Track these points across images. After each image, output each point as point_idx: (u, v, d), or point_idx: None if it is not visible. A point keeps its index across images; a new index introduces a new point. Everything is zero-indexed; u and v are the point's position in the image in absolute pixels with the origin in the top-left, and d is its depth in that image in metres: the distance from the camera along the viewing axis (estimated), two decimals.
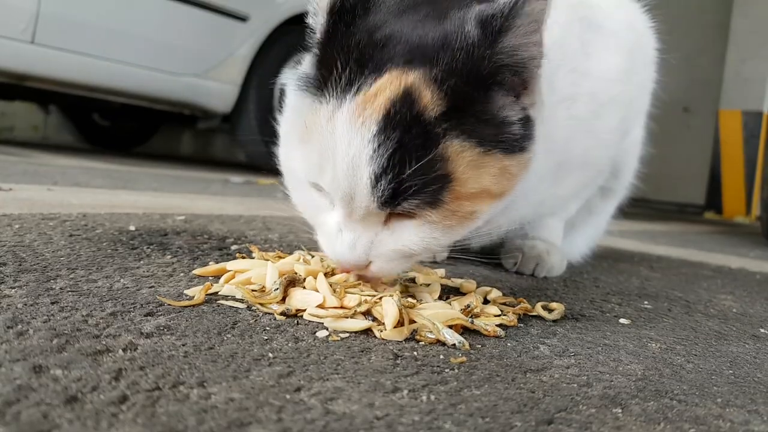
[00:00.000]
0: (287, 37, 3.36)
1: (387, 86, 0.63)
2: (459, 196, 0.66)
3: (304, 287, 0.71)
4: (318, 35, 0.69)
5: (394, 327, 0.64)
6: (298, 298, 0.69)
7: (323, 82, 0.66)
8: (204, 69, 3.26)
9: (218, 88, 3.34)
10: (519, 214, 0.91)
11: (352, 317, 0.66)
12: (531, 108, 0.69)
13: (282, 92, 0.77)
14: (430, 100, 0.63)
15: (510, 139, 0.66)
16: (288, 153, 0.74)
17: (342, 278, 0.73)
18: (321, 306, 0.67)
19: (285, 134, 0.76)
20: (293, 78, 0.72)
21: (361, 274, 0.72)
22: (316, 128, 0.66)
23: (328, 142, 0.65)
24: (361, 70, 0.64)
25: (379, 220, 0.68)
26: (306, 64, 0.71)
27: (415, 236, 0.68)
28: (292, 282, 0.72)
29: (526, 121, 0.68)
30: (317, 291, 0.70)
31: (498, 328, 0.69)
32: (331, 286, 0.70)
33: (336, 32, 0.67)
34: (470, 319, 0.69)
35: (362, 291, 0.70)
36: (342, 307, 0.67)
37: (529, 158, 0.69)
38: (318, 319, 0.66)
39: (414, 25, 0.67)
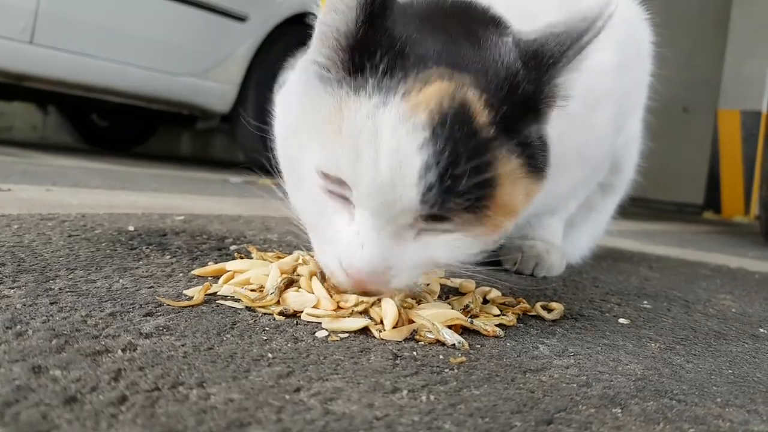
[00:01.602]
0: (286, 37, 3.36)
1: (437, 88, 0.60)
2: (497, 206, 0.64)
3: (298, 288, 0.71)
4: (351, 28, 0.63)
5: (393, 327, 0.64)
6: (293, 300, 0.69)
7: (358, 69, 0.62)
8: (203, 69, 3.26)
9: (217, 88, 3.34)
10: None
11: (349, 317, 0.65)
12: (542, 131, 0.69)
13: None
14: (482, 105, 0.61)
15: (536, 163, 0.67)
16: (294, 150, 0.68)
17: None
18: (316, 307, 0.67)
19: (289, 132, 0.69)
20: (307, 66, 0.67)
21: (370, 290, 0.66)
22: (350, 120, 0.61)
23: (368, 136, 0.59)
24: (403, 66, 0.61)
25: (408, 228, 0.63)
26: (317, 53, 0.66)
27: (444, 247, 0.65)
28: (290, 283, 0.72)
29: (544, 145, 0.69)
30: (312, 293, 0.70)
31: (497, 328, 0.69)
32: (327, 289, 0.70)
33: (372, 21, 0.62)
34: (469, 319, 0.69)
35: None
36: (339, 308, 0.67)
37: (544, 182, 0.69)
38: (316, 319, 0.66)
39: (446, 35, 0.66)
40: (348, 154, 0.60)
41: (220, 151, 6.23)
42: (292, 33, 3.33)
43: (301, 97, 0.68)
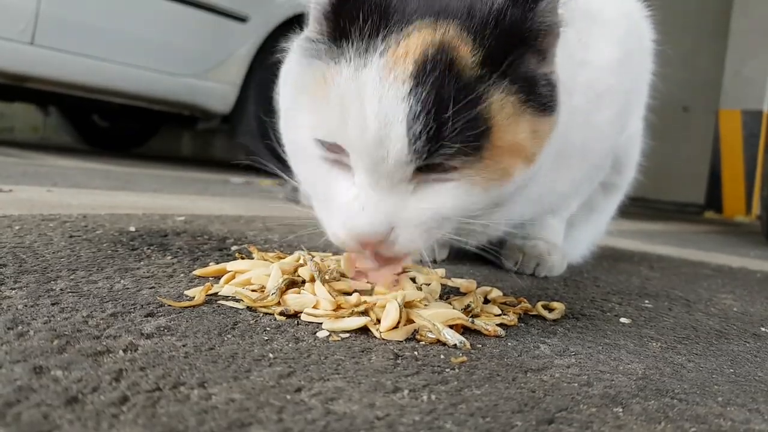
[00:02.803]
0: (287, 38, 3.36)
1: (419, 39, 0.61)
2: (498, 147, 0.63)
3: (299, 292, 0.71)
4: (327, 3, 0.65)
5: (394, 327, 0.64)
6: (293, 301, 0.69)
7: (342, 39, 0.63)
8: (204, 70, 3.26)
9: (218, 89, 3.34)
10: (518, 211, 0.91)
11: (349, 316, 0.65)
12: (551, 75, 0.69)
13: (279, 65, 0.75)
14: (467, 52, 0.61)
15: (540, 99, 0.66)
16: (294, 123, 0.69)
17: (345, 285, 0.73)
18: (316, 307, 0.67)
19: (289, 105, 0.71)
20: (300, 43, 0.68)
21: (379, 252, 0.66)
22: (336, 85, 0.62)
23: (353, 97, 0.61)
24: (385, 24, 0.62)
25: (406, 181, 0.63)
26: (310, 30, 0.68)
27: (449, 196, 0.64)
28: (291, 284, 0.72)
29: (551, 86, 0.68)
30: (314, 294, 0.70)
31: (499, 328, 0.69)
32: (328, 290, 0.70)
33: None
34: (470, 319, 0.69)
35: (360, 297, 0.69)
36: (339, 308, 0.67)
37: (554, 122, 0.68)
38: (315, 320, 0.66)
39: None
40: (337, 117, 0.62)
41: (220, 151, 6.23)
42: (293, 34, 3.33)
43: (296, 73, 0.69)
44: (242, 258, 0.87)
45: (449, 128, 0.59)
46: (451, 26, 0.62)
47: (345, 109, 0.61)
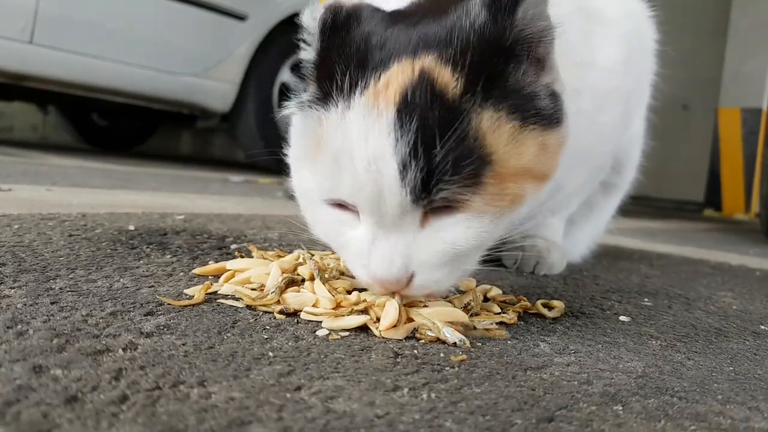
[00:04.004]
0: (286, 36, 3.36)
1: (398, 74, 0.60)
2: (502, 175, 0.61)
3: (299, 290, 0.71)
4: (314, 57, 0.66)
5: (393, 326, 0.64)
6: (292, 300, 0.69)
7: (327, 93, 0.63)
8: (203, 68, 3.26)
9: (217, 88, 3.34)
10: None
11: (348, 315, 0.65)
12: (554, 85, 0.67)
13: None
14: (449, 77, 0.60)
15: (543, 113, 0.64)
16: (300, 177, 0.69)
17: (347, 284, 0.73)
18: (315, 306, 0.67)
19: (295, 161, 0.71)
20: (296, 102, 0.68)
21: (404, 294, 0.65)
22: (327, 137, 0.62)
23: (342, 144, 0.60)
24: (363, 71, 0.62)
25: (414, 222, 0.62)
26: (308, 90, 0.68)
27: (460, 230, 0.62)
28: (291, 282, 0.72)
29: (554, 97, 0.66)
30: (313, 293, 0.70)
31: (504, 331, 0.69)
32: (328, 289, 0.70)
33: (332, 46, 0.65)
34: (473, 325, 0.68)
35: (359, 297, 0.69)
36: (339, 306, 0.67)
37: (565, 133, 0.66)
38: (315, 318, 0.66)
39: (411, 26, 0.65)
40: (332, 175, 0.62)
41: (220, 150, 6.23)
42: (293, 32, 3.33)
43: (297, 130, 0.70)
44: (242, 256, 0.87)
45: (440, 162, 0.58)
46: (429, 56, 0.61)
47: (338, 166, 0.61)
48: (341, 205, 0.65)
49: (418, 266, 0.63)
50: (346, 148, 0.60)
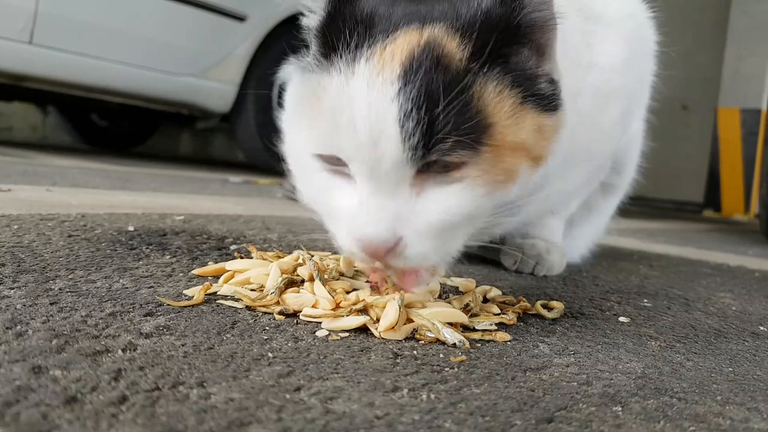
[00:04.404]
0: (286, 37, 3.35)
1: (406, 39, 0.61)
2: (499, 147, 0.61)
3: (298, 291, 0.71)
4: (320, 20, 0.67)
5: (392, 327, 0.64)
6: (292, 300, 0.69)
7: (331, 53, 0.64)
8: (202, 69, 3.26)
9: (217, 88, 3.34)
10: (524, 211, 0.90)
11: (348, 315, 0.65)
12: (553, 74, 0.68)
13: (281, 91, 0.76)
14: (456, 46, 0.61)
15: (541, 95, 0.65)
16: (294, 140, 0.69)
17: (346, 285, 0.73)
18: (315, 307, 0.67)
19: (289, 124, 0.71)
20: (296, 65, 0.70)
21: (390, 264, 0.63)
22: (328, 98, 0.62)
23: (343, 103, 0.61)
24: (371, 33, 0.63)
25: (408, 184, 0.61)
26: (310, 52, 0.69)
27: (455, 198, 0.62)
28: (290, 283, 0.72)
29: (553, 83, 0.67)
30: (313, 293, 0.70)
31: (505, 334, 0.68)
32: (328, 290, 0.70)
33: (339, 11, 0.65)
34: (474, 326, 0.68)
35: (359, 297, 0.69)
36: (338, 307, 0.67)
37: (561, 120, 0.67)
38: (314, 320, 0.66)
39: (416, 3, 0.66)
40: (330, 129, 0.62)
41: (219, 150, 6.23)
42: (292, 32, 3.33)
43: (292, 92, 0.71)
44: (241, 257, 0.87)
45: (442, 120, 0.58)
46: (437, 26, 0.62)
47: (337, 119, 0.61)
48: (335, 172, 0.65)
49: (408, 234, 0.61)
50: (347, 105, 0.61)
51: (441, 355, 0.60)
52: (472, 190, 0.62)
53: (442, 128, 0.59)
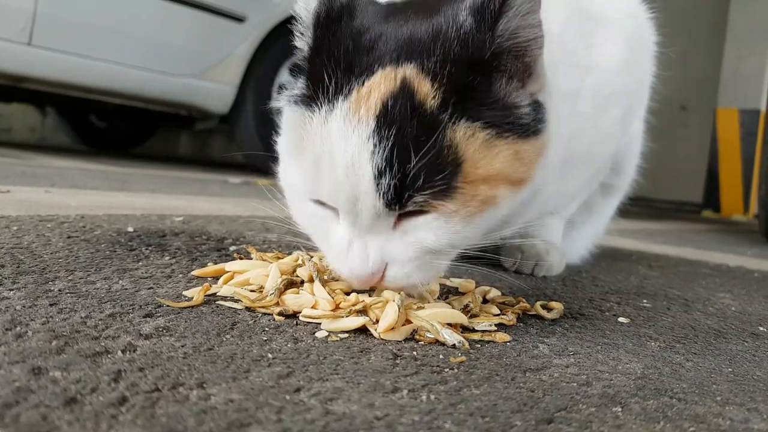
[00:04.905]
0: (285, 38, 3.35)
1: (381, 82, 0.62)
2: (474, 179, 0.63)
3: (298, 292, 0.71)
4: (306, 51, 0.68)
5: (392, 328, 0.64)
6: (292, 301, 0.69)
7: (314, 94, 0.65)
8: (201, 70, 3.26)
9: (216, 89, 3.34)
10: (523, 218, 0.90)
11: (347, 316, 0.65)
12: (539, 94, 0.68)
13: (281, 90, 0.76)
14: (428, 90, 0.62)
15: (520, 123, 0.65)
16: (286, 169, 0.73)
17: (345, 285, 0.73)
18: (314, 308, 0.67)
19: (282, 152, 0.74)
20: (286, 96, 0.71)
21: (379, 286, 0.68)
22: (309, 137, 0.65)
23: (323, 147, 0.63)
24: (349, 76, 0.64)
25: (388, 225, 0.64)
26: (298, 84, 0.70)
27: (431, 232, 0.64)
28: (290, 284, 0.72)
29: (537, 106, 0.67)
30: (313, 294, 0.70)
31: (505, 335, 0.69)
32: (327, 291, 0.70)
33: (323, 43, 0.66)
34: (473, 327, 0.68)
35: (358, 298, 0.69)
36: (337, 308, 0.67)
37: (544, 143, 0.67)
38: (314, 320, 0.66)
39: (401, 24, 0.66)
40: (313, 172, 0.65)
41: (218, 151, 6.22)
42: (291, 34, 3.32)
43: (285, 125, 0.73)
44: (241, 258, 0.87)
45: (414, 176, 0.60)
46: (411, 65, 0.62)
47: (319, 167, 0.64)
48: (324, 205, 0.67)
49: (390, 260, 0.65)
50: (326, 151, 0.63)
51: (441, 356, 0.60)
52: (448, 224, 0.65)
53: (414, 181, 0.61)
